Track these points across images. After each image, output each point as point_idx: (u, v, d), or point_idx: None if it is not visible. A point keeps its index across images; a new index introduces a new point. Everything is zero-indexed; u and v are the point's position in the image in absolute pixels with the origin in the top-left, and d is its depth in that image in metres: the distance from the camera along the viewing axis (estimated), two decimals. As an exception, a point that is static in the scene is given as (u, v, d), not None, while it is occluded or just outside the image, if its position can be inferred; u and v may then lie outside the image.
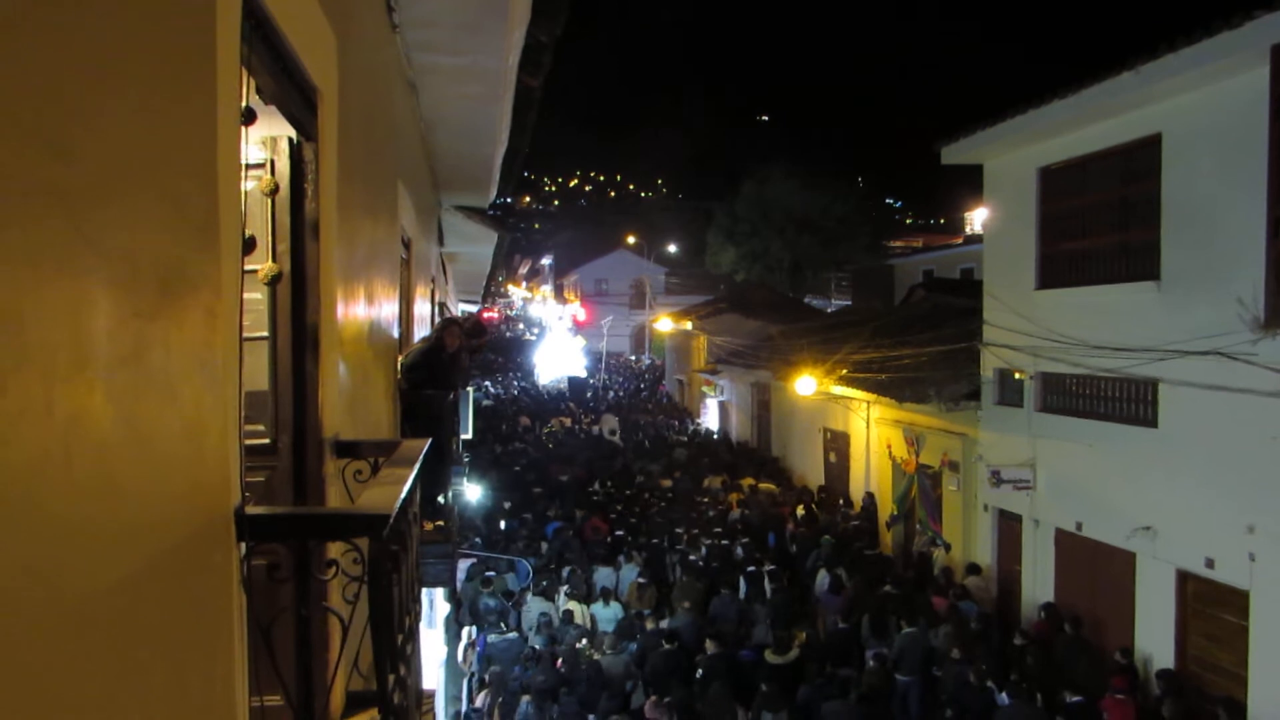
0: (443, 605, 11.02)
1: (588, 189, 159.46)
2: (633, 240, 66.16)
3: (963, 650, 10.70)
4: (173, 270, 1.88)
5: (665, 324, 36.85)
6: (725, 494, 19.86)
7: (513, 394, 39.99)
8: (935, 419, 15.37)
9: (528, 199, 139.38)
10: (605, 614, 12.79)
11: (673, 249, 66.96)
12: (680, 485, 20.59)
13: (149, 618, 1.75)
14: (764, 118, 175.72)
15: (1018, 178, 13.36)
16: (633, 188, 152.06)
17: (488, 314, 56.05)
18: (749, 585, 13.46)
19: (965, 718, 9.78)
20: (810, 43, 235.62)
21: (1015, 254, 13.39)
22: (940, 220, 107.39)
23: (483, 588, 13.01)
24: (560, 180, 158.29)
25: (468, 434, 11.98)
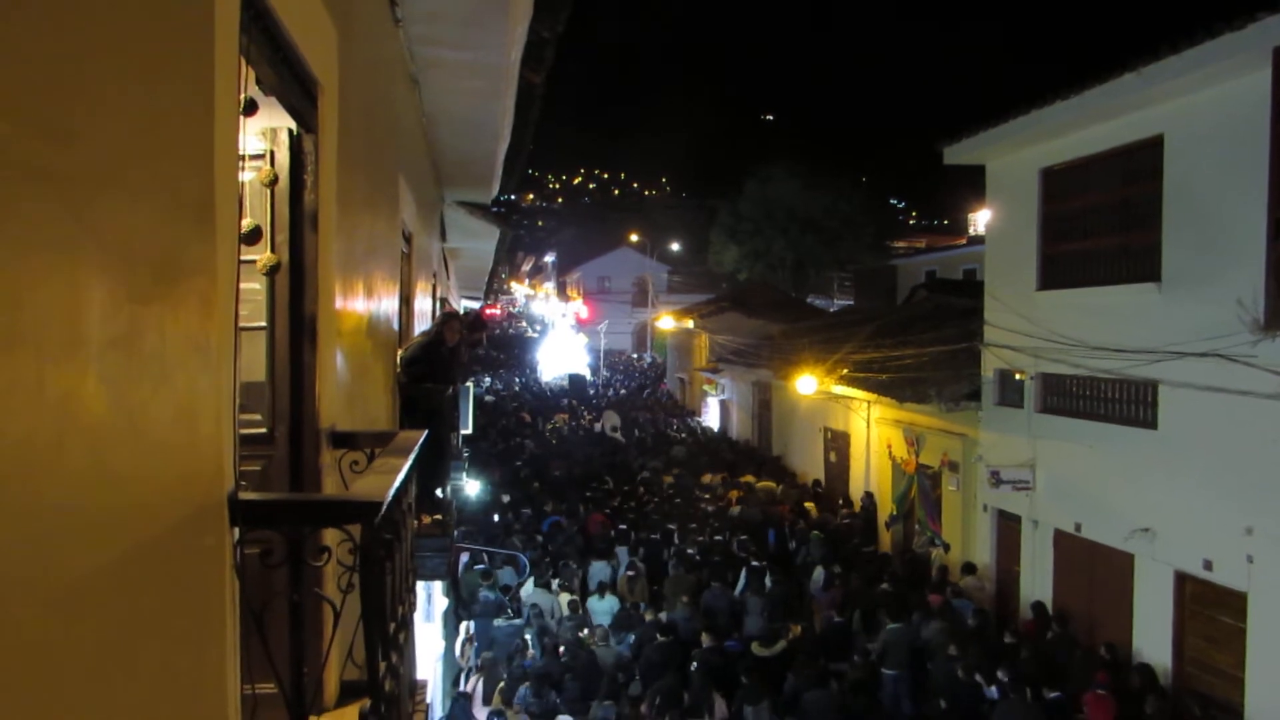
0: (440, 599, 11.03)
1: (591, 186, 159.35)
2: (636, 238, 66.08)
3: (956, 646, 10.74)
4: (168, 257, 1.89)
5: (667, 322, 36.88)
6: (724, 491, 19.90)
7: (514, 390, 40.01)
8: (935, 419, 15.37)
9: (531, 196, 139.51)
10: (601, 607, 12.86)
11: (675, 247, 66.83)
12: (680, 482, 20.63)
13: (140, 602, 1.75)
14: (768, 116, 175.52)
15: (1020, 178, 13.35)
16: (636, 186, 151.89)
17: (490, 311, 56.06)
18: (749, 579, 13.49)
19: (954, 711, 9.79)
20: (815, 41, 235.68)
21: (1017, 255, 13.39)
22: (944, 221, 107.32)
23: (482, 580, 13.06)
24: (564, 177, 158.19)
25: (467, 429, 11.98)
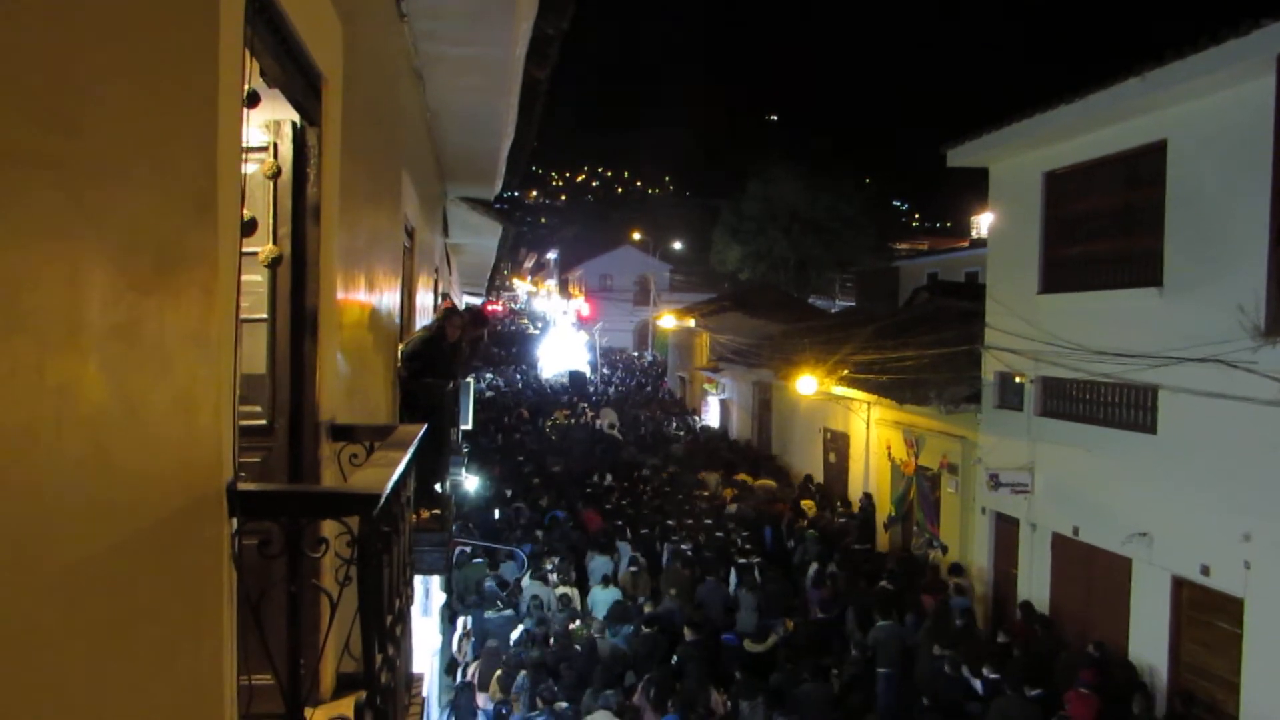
0: (438, 594, 11.04)
1: (594, 184, 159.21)
2: (638, 236, 66.01)
3: (940, 645, 10.80)
4: (170, 246, 1.89)
5: (669, 321, 36.84)
6: (722, 488, 19.91)
7: (516, 386, 40.02)
8: (935, 421, 15.37)
9: (534, 193, 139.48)
10: (603, 597, 12.93)
11: (678, 246, 66.67)
12: (678, 479, 20.64)
13: (137, 591, 1.74)
14: (772, 117, 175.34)
15: (1023, 182, 13.34)
16: (640, 184, 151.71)
17: (492, 306, 56.08)
18: (740, 576, 13.54)
19: (939, 708, 9.82)
20: (820, 42, 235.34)
21: (1019, 258, 13.39)
22: (946, 224, 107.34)
23: (489, 571, 13.13)
24: (567, 175, 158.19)
25: (468, 424, 11.98)
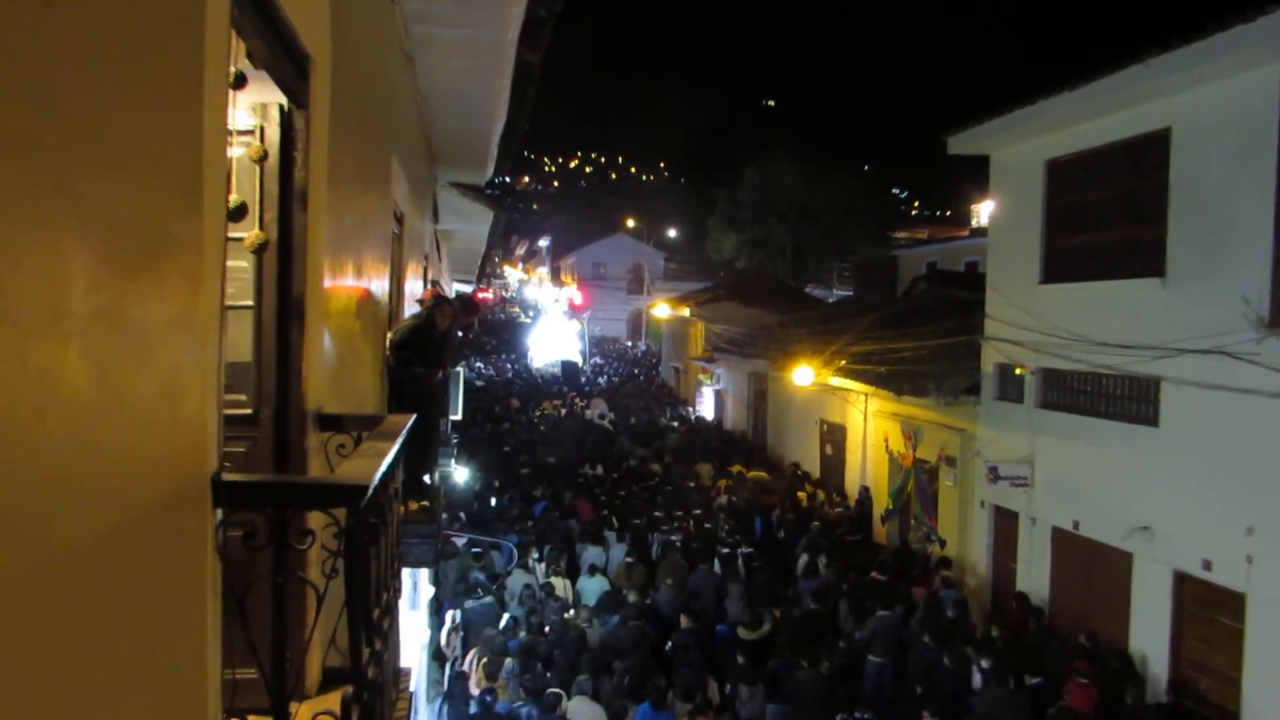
0: (427, 588, 10.94)
1: (588, 170, 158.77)
2: (632, 224, 65.88)
3: (931, 636, 10.79)
4: (154, 232, 1.89)
5: (663, 310, 36.71)
6: (715, 480, 19.85)
7: (506, 376, 39.89)
8: (934, 413, 15.28)
9: (526, 179, 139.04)
10: (591, 586, 12.88)
11: (673, 234, 66.52)
12: (670, 470, 20.58)
13: (118, 582, 1.73)
14: (769, 103, 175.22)
15: (1024, 170, 13.22)
16: (634, 170, 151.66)
17: (482, 294, 55.90)
18: (724, 566, 13.54)
19: (933, 697, 9.80)
20: (818, 27, 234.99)
21: (1020, 247, 13.27)
22: (946, 212, 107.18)
23: (474, 562, 13.03)
24: (560, 161, 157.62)
25: (457, 414, 11.84)
